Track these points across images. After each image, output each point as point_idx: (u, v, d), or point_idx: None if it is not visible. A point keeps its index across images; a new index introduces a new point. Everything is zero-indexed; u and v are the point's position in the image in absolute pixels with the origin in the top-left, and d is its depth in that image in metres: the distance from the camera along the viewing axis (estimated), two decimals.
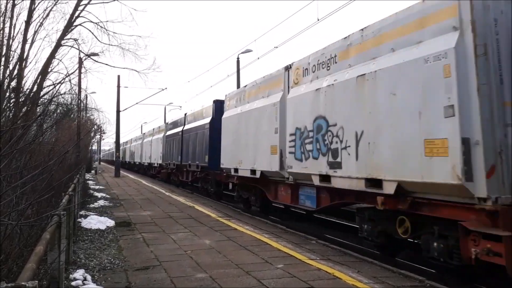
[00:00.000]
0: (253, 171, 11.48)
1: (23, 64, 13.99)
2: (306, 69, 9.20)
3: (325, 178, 8.03)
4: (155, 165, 30.52)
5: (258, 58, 23.05)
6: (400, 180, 6.09)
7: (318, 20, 14.62)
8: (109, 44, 18.56)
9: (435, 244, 5.89)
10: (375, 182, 6.61)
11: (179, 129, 22.61)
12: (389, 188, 6.30)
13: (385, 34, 6.74)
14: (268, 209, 12.61)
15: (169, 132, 25.77)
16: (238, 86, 22.65)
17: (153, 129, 34.26)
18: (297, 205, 10.07)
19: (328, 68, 8.29)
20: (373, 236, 7.34)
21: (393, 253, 7.56)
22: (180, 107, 46.29)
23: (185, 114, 22.10)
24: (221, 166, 13.99)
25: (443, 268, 6.08)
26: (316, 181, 8.38)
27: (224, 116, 14.54)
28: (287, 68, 10.19)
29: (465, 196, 5.24)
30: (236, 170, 12.71)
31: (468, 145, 5.08)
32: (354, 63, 7.44)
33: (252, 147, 11.62)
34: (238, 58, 24.71)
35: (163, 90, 35.81)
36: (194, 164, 18.72)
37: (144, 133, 38.93)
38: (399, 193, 6.22)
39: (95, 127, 44.57)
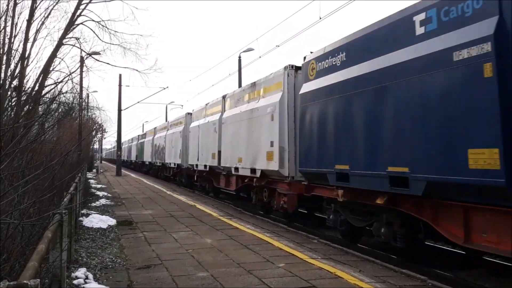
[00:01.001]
0: None
1: (25, 63, 14.04)
2: None
3: None
4: (240, 171, 12.98)
5: (260, 57, 23.06)
6: None
7: (320, 18, 14.36)
8: (110, 43, 18.56)
9: None
10: None
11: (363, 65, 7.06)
12: None
13: None
14: None
15: (310, 88, 8.82)
16: (240, 85, 22.54)
17: (212, 101, 17.35)
18: None
19: None
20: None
21: None
22: (182, 106, 46.02)
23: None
24: None
25: None
26: None
27: None
28: None
29: None
30: None
31: None
32: None
33: None
34: (239, 57, 24.68)
35: (164, 89, 35.55)
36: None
37: (191, 112, 21.53)
38: None
39: (97, 126, 44.59)
